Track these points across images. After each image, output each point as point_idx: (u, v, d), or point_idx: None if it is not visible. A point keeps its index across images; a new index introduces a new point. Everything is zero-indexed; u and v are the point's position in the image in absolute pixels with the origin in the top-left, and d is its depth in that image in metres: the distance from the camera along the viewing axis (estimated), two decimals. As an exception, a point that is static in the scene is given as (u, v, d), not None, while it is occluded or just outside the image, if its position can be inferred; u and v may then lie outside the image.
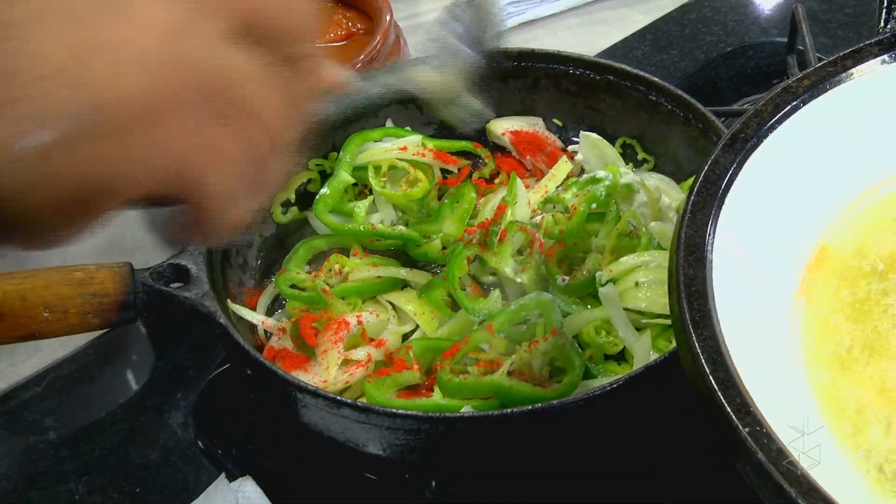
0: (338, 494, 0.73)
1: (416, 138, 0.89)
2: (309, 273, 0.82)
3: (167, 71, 0.38)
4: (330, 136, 0.90)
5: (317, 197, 0.85)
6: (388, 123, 0.92)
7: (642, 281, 0.73)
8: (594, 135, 0.89)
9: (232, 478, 0.75)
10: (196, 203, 0.42)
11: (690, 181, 0.84)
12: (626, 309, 0.72)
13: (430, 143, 0.89)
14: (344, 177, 0.85)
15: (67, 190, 0.36)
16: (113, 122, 0.36)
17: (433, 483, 0.68)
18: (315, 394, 0.63)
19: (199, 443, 0.80)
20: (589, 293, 0.75)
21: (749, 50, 1.18)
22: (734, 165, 0.56)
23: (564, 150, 0.92)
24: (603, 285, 0.73)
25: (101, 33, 0.36)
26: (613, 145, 0.90)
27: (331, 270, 0.81)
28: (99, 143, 0.36)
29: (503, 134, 0.92)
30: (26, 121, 0.34)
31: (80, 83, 0.35)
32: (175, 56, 0.38)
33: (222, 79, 0.40)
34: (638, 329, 0.72)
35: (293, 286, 0.80)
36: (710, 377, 0.45)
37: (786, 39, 1.05)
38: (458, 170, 0.90)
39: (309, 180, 0.89)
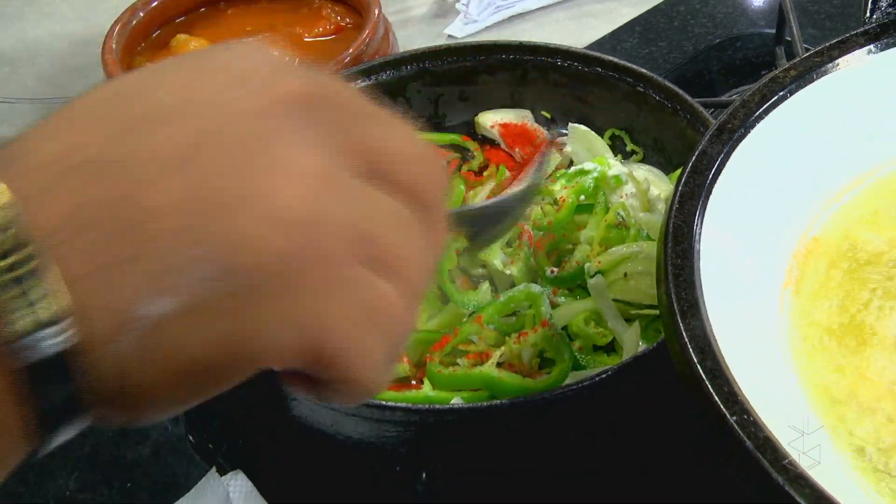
0: (328, 487, 0.73)
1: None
2: None
3: (317, 230, 0.32)
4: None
5: None
6: None
7: (631, 271, 0.73)
8: (583, 126, 0.88)
9: (223, 472, 0.74)
10: (329, 379, 0.35)
11: (678, 172, 0.85)
12: (614, 300, 0.72)
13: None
14: None
15: (183, 365, 0.31)
16: (244, 290, 0.31)
17: (423, 475, 0.68)
18: (304, 387, 0.63)
19: (190, 437, 0.80)
20: (578, 284, 0.75)
21: (737, 41, 1.18)
22: (722, 156, 0.57)
23: (553, 143, 0.92)
24: (591, 276, 0.73)
25: (239, 184, 0.31)
26: (602, 137, 0.89)
27: None
28: (226, 312, 0.31)
29: (492, 126, 0.92)
30: (144, 284, 0.29)
31: (209, 244, 0.30)
32: (320, 210, 0.32)
33: (376, 234, 0.34)
34: (627, 320, 0.72)
35: None
36: (698, 366, 0.45)
37: (774, 31, 1.05)
38: (447, 163, 0.90)
39: None
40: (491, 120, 0.92)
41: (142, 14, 1.12)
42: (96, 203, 0.29)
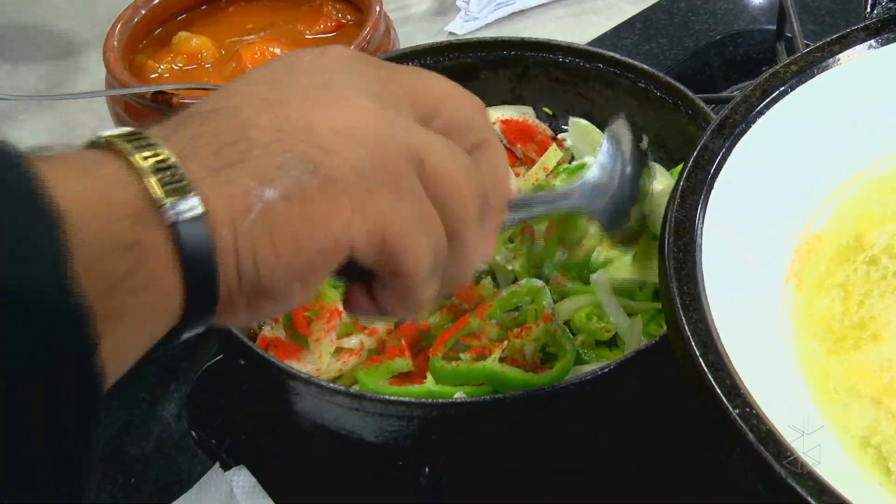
0: (331, 483, 0.74)
1: None
2: None
3: (376, 144, 0.42)
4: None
5: None
6: None
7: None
8: (583, 121, 0.89)
9: (226, 468, 0.75)
10: (394, 275, 0.43)
11: (680, 167, 0.85)
12: (622, 280, 0.73)
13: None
14: None
15: (293, 246, 0.39)
16: (327, 185, 0.40)
17: (426, 470, 0.68)
18: (308, 381, 0.63)
19: (193, 433, 0.80)
20: (582, 279, 0.76)
21: (738, 38, 1.18)
22: (723, 151, 0.57)
23: (554, 139, 0.92)
24: (596, 269, 0.73)
25: (308, 116, 0.41)
26: (603, 133, 0.89)
27: None
28: (319, 202, 0.39)
29: (494, 123, 0.92)
30: (255, 178, 0.38)
31: (295, 152, 0.40)
32: (381, 133, 0.42)
33: (425, 154, 0.43)
34: (630, 315, 0.72)
35: None
36: (700, 360, 0.45)
37: (774, 27, 1.05)
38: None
39: None
40: (493, 116, 0.92)
41: (143, 11, 1.12)
42: (211, 131, 0.39)
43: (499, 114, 0.92)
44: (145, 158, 0.37)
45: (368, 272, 0.44)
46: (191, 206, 0.37)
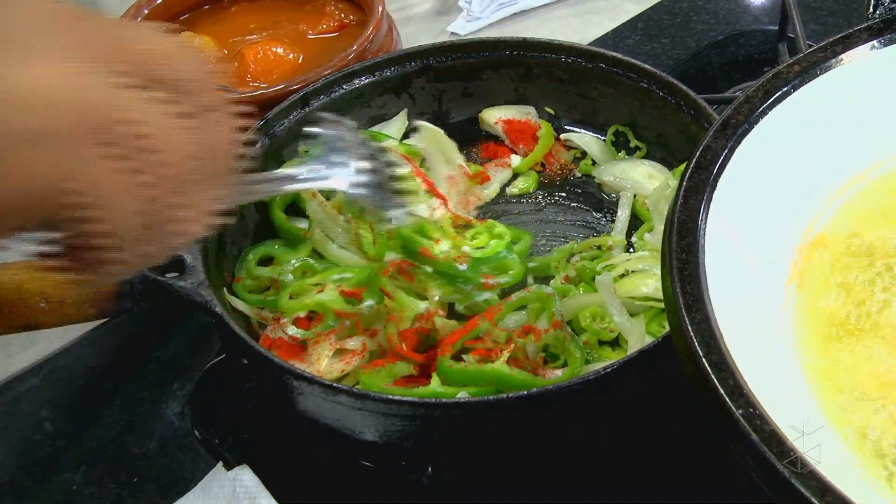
0: (334, 482, 0.74)
1: (391, 143, 0.90)
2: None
3: (52, 105, 0.40)
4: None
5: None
6: (402, 116, 0.93)
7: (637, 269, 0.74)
8: (433, 127, 0.90)
9: (229, 467, 0.75)
10: (85, 237, 0.42)
11: (682, 167, 0.85)
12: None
13: (403, 149, 0.89)
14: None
15: None
16: (17, 145, 0.38)
17: (429, 469, 0.68)
18: (311, 381, 0.63)
19: (196, 433, 0.80)
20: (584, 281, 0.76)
21: (740, 38, 1.18)
22: (726, 151, 0.57)
23: (557, 139, 0.92)
24: (599, 273, 0.74)
25: (4, 70, 0.39)
26: (606, 133, 0.90)
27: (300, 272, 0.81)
28: (7, 162, 0.38)
29: (496, 122, 0.92)
30: None
31: None
32: (64, 95, 0.40)
33: (114, 116, 0.41)
34: (632, 315, 0.73)
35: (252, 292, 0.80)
36: (703, 360, 0.45)
37: (777, 27, 1.05)
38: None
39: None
40: (495, 116, 0.92)
41: (146, 11, 1.12)
42: None
43: (500, 113, 0.92)
44: None
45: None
46: None
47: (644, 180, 0.85)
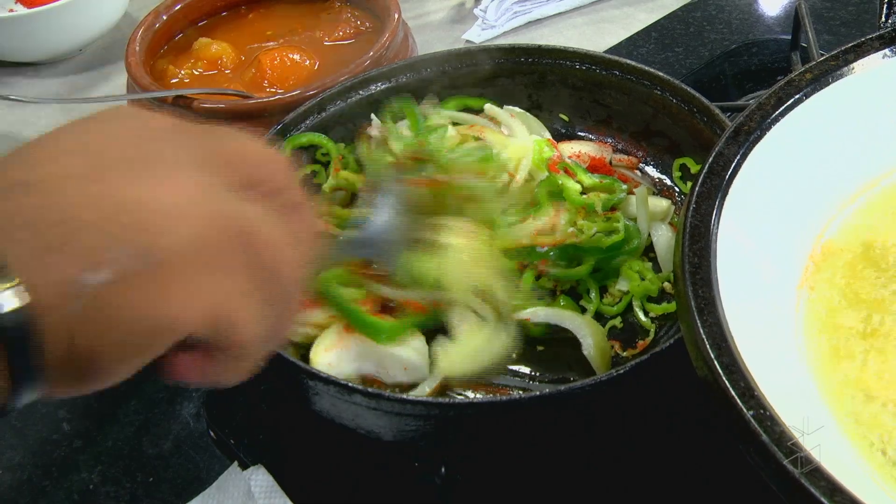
0: (349, 481, 0.74)
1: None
2: None
3: (205, 221, 0.41)
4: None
5: None
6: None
7: None
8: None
9: (244, 466, 0.75)
10: (225, 347, 0.43)
11: (681, 161, 0.87)
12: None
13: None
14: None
15: (123, 329, 0.38)
16: (162, 267, 0.39)
17: (442, 469, 0.69)
18: (326, 381, 0.64)
19: (211, 433, 0.81)
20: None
21: (753, 47, 1.18)
22: (738, 157, 0.57)
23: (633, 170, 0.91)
24: None
25: (131, 192, 0.39)
26: (615, 138, 0.91)
27: None
28: (149, 285, 0.38)
29: (570, 157, 0.88)
30: (83, 260, 0.37)
31: (120, 232, 0.38)
32: (210, 209, 0.41)
33: (244, 228, 0.43)
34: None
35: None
36: (715, 362, 0.46)
37: (789, 37, 1.05)
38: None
39: (313, 172, 0.89)
40: (570, 150, 0.89)
41: (165, 17, 1.13)
42: (30, 208, 0.37)
43: (578, 148, 0.90)
44: None
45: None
46: (13, 294, 0.36)
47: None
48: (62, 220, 0.37)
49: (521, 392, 0.67)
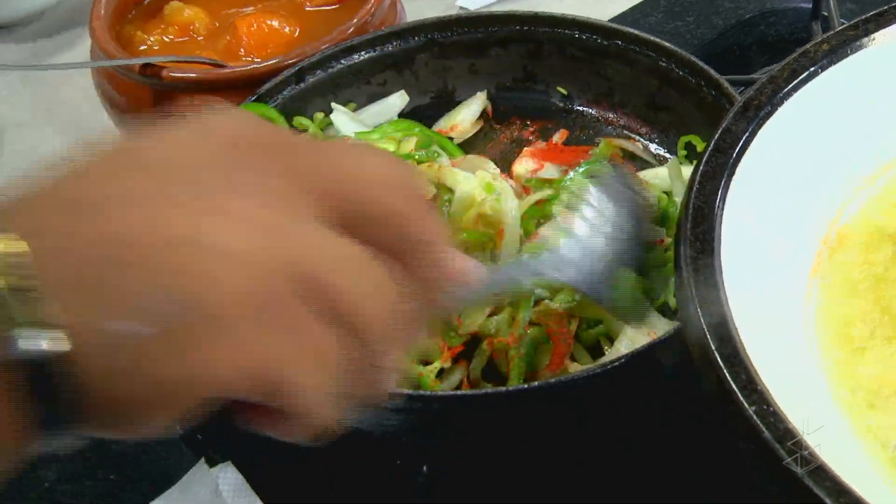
0: (323, 480, 0.74)
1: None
2: None
3: (260, 268, 0.37)
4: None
5: None
6: (401, 94, 0.93)
7: None
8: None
9: (212, 464, 0.75)
10: (281, 410, 0.40)
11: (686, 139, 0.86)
12: None
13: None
14: None
15: (157, 383, 0.36)
16: (206, 322, 0.36)
17: (424, 468, 0.69)
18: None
19: (179, 429, 0.81)
20: None
21: (770, 16, 1.18)
22: (746, 134, 0.57)
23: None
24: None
25: (194, 225, 0.37)
26: (617, 113, 0.91)
27: None
28: (187, 341, 0.36)
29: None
30: (121, 309, 0.35)
31: (173, 276, 0.36)
32: (267, 252, 0.38)
33: (320, 271, 0.39)
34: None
35: None
36: (715, 353, 0.46)
37: (810, 5, 1.05)
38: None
39: None
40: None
41: (135, -20, 1.13)
42: (73, 235, 0.36)
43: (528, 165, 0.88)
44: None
45: None
46: (50, 338, 0.34)
47: None
48: (104, 255, 0.36)
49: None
